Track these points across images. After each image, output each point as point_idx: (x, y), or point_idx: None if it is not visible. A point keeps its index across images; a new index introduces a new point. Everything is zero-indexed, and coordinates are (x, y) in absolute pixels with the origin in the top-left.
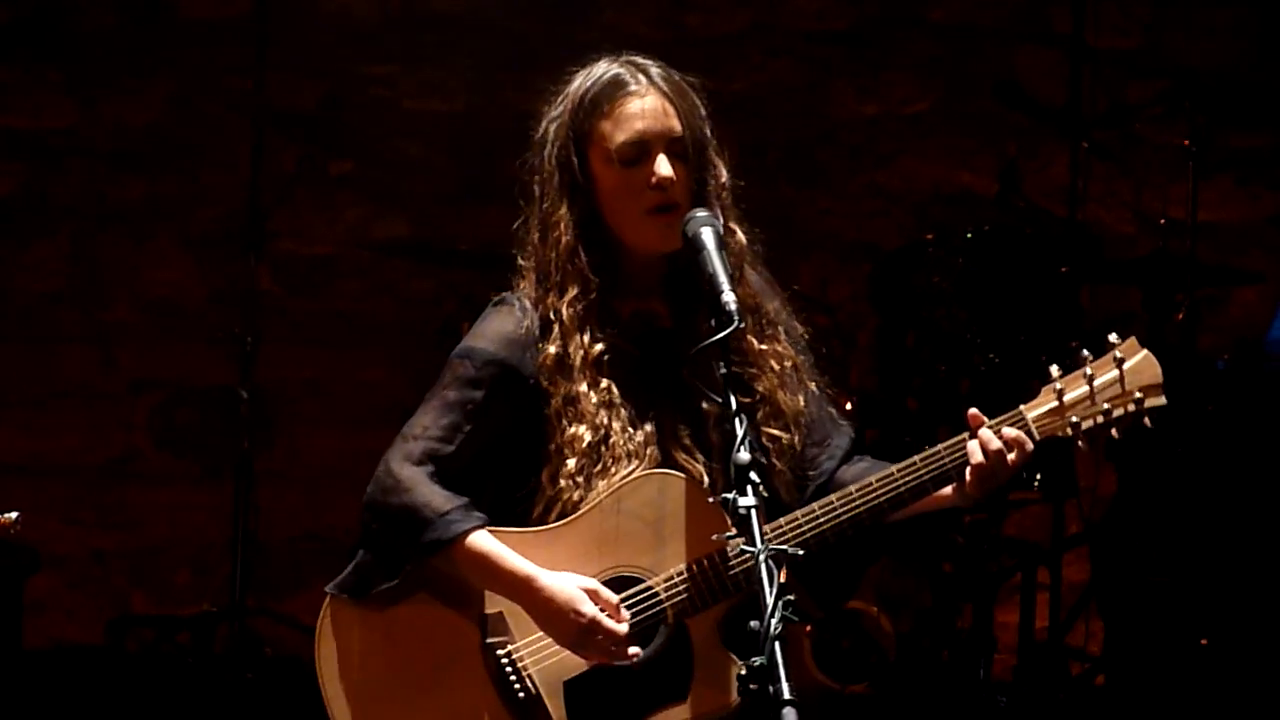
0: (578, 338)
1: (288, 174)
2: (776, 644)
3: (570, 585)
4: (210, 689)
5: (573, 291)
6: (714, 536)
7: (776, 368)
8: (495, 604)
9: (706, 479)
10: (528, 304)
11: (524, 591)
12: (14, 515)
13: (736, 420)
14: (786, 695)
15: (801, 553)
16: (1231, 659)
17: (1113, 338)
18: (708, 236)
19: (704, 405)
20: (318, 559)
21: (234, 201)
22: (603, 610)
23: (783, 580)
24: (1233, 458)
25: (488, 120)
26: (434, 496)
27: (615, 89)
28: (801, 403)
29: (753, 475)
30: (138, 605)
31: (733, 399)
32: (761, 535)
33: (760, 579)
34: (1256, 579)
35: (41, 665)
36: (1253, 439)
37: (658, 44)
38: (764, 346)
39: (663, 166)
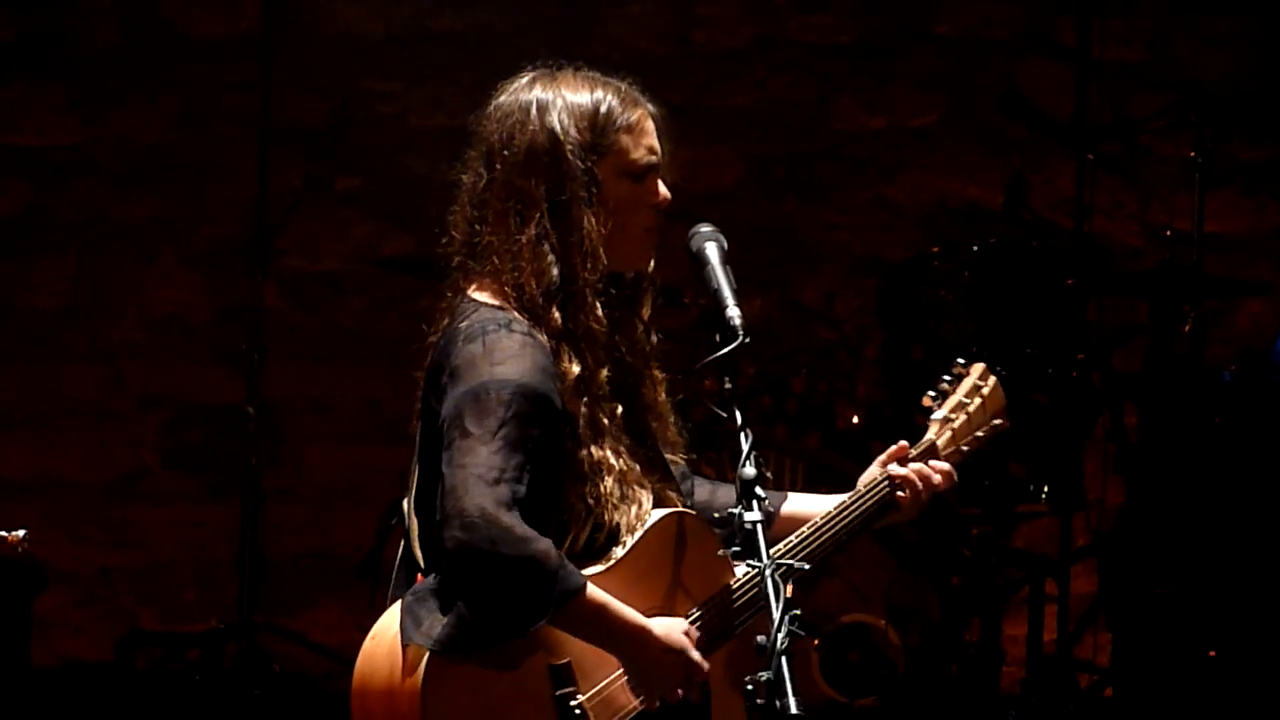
0: (596, 355)
1: (294, 191)
2: (783, 658)
3: (677, 632)
4: (219, 706)
5: (599, 307)
6: (719, 552)
7: (669, 401)
8: (562, 653)
9: (680, 504)
10: (528, 324)
11: (636, 641)
12: (21, 533)
13: (742, 435)
14: (794, 710)
15: (808, 566)
16: (1239, 671)
17: (961, 361)
18: (712, 251)
19: (655, 427)
20: (325, 575)
21: (240, 218)
22: (700, 657)
23: (788, 595)
24: (1240, 469)
25: None
26: (548, 547)
27: (634, 105)
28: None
29: (758, 490)
30: (146, 622)
31: (738, 414)
32: (768, 550)
33: (766, 593)
34: (1264, 591)
35: (50, 683)
36: (1260, 451)
37: (664, 59)
38: (661, 377)
39: (664, 189)
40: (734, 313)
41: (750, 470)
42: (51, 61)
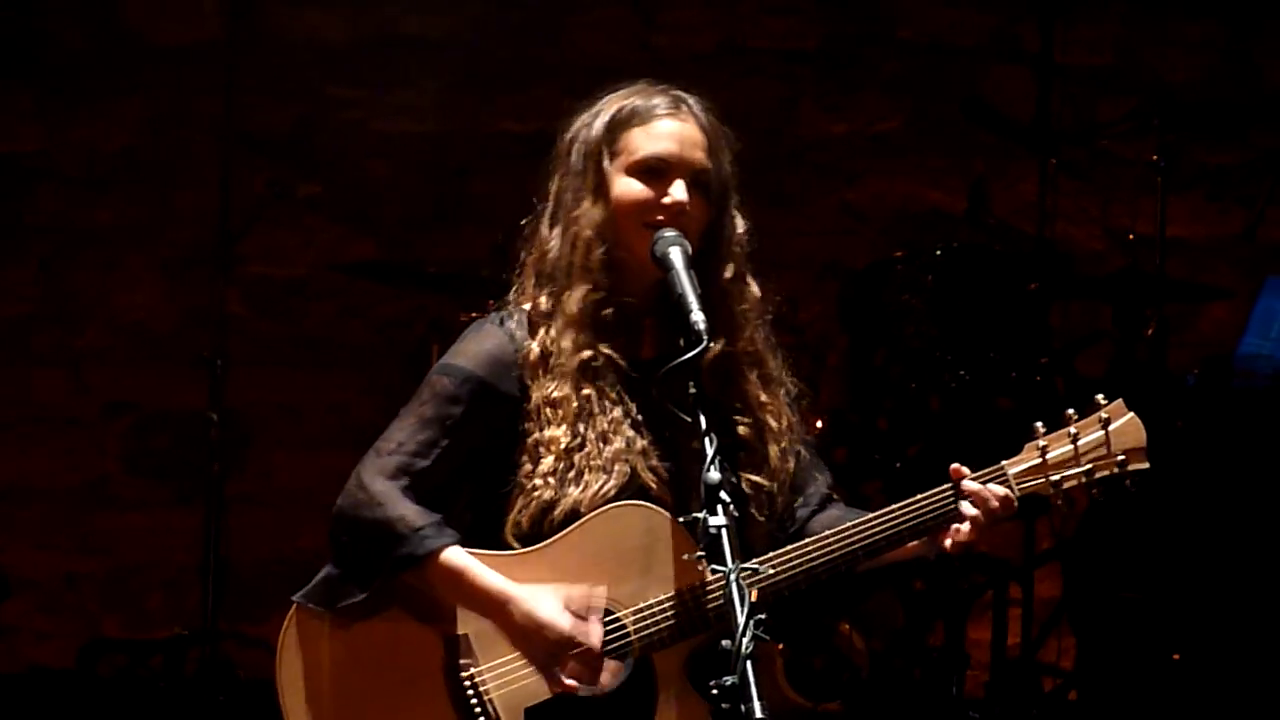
0: (572, 336)
1: (257, 197)
2: (748, 663)
3: (549, 603)
4: (182, 712)
5: (580, 289)
6: (684, 556)
7: (774, 425)
8: (463, 625)
9: (671, 499)
10: (515, 318)
11: (499, 608)
12: None
13: (706, 439)
14: (759, 714)
15: (772, 569)
16: (1203, 674)
17: (1100, 398)
18: (676, 256)
19: (679, 428)
20: (289, 582)
21: (204, 224)
22: (578, 630)
23: (754, 600)
24: (1202, 474)
25: (457, 142)
26: (408, 511)
27: (655, 106)
28: (792, 464)
29: (722, 495)
30: (110, 629)
31: (702, 418)
32: (733, 555)
33: (731, 598)
34: (1228, 594)
35: (13, 689)
36: (1222, 455)
37: (627, 65)
38: (765, 399)
39: (679, 191)
40: (698, 317)
41: (714, 475)
42: (17, 67)
